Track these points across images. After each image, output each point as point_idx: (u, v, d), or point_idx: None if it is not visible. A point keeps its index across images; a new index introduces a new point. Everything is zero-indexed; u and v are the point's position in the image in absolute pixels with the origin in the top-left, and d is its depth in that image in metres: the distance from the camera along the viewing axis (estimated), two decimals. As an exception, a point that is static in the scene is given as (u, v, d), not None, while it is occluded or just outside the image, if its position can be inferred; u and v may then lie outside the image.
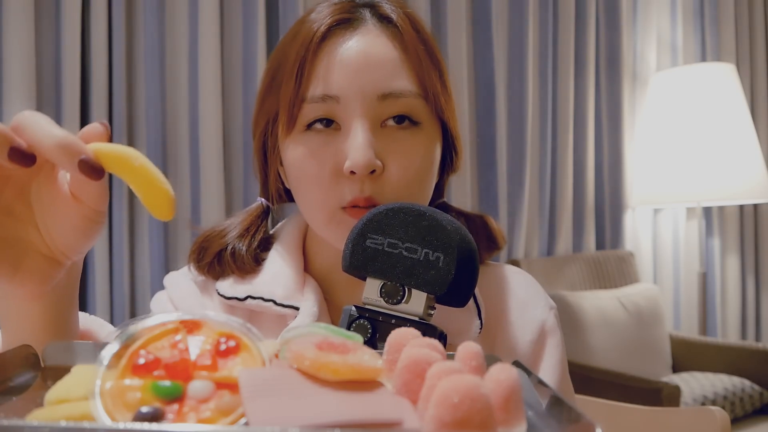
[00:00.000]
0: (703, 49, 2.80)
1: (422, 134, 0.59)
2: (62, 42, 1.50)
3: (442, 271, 0.48)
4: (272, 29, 1.81)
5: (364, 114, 0.57)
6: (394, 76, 0.58)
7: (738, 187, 2.29)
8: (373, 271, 0.49)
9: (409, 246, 0.49)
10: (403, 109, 0.58)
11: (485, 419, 0.25)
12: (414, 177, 0.58)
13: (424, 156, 0.59)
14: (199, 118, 1.66)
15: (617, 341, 2.12)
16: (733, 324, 2.82)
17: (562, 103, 2.39)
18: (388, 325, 0.49)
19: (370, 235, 0.50)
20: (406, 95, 0.58)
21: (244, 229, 0.67)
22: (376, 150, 0.56)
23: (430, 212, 0.50)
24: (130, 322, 0.33)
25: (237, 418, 0.28)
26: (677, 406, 1.73)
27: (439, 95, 0.60)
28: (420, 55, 0.59)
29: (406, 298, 0.49)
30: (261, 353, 0.32)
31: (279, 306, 0.62)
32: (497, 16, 2.22)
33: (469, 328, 0.60)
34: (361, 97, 0.56)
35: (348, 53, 0.57)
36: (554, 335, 0.65)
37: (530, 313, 0.65)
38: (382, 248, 0.49)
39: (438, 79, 0.61)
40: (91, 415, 0.28)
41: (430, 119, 0.60)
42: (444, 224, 0.49)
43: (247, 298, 0.62)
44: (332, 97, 0.57)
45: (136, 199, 1.62)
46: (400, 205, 0.50)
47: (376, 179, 0.57)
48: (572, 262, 2.34)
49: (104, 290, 1.55)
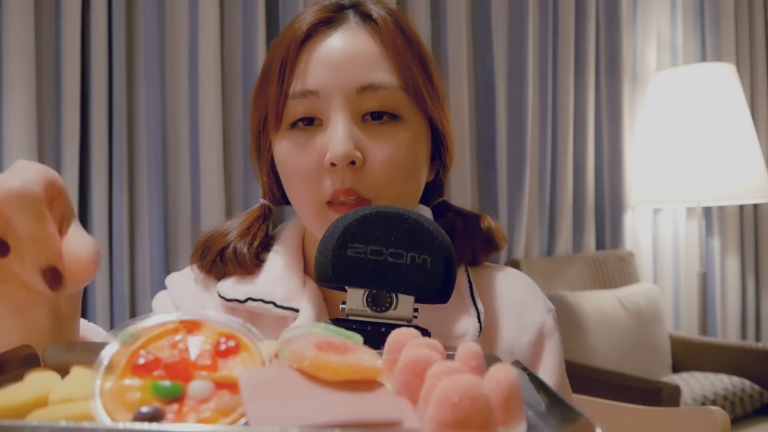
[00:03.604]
0: (703, 49, 2.80)
1: (404, 128, 0.59)
2: (62, 42, 1.50)
3: (431, 273, 0.48)
4: (272, 29, 1.81)
5: (344, 107, 0.57)
6: (373, 69, 0.58)
7: (738, 187, 2.29)
8: (358, 281, 0.48)
9: (393, 251, 0.48)
10: (383, 101, 0.58)
11: (485, 419, 0.25)
12: (396, 170, 0.58)
13: (407, 149, 0.59)
14: (199, 118, 1.66)
15: (617, 341, 2.12)
16: (733, 324, 2.82)
17: (562, 103, 2.39)
18: (379, 333, 0.47)
19: (350, 245, 0.48)
20: (386, 87, 0.58)
21: (245, 229, 0.67)
22: (356, 142, 0.57)
23: (409, 214, 0.49)
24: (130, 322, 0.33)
25: (237, 418, 0.28)
26: (677, 406, 1.73)
27: (421, 89, 0.60)
28: (400, 50, 0.59)
29: (394, 305, 0.48)
30: (261, 353, 0.32)
31: (279, 308, 0.62)
32: (497, 16, 2.22)
33: (467, 331, 0.60)
34: (341, 90, 0.57)
35: (327, 49, 0.59)
36: (553, 337, 0.65)
37: (529, 315, 0.65)
38: (365, 256, 0.48)
39: (421, 74, 0.60)
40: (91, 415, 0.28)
41: (412, 113, 0.60)
42: (426, 225, 0.49)
43: (247, 300, 0.63)
44: (312, 92, 0.58)
45: (136, 199, 1.62)
46: (377, 209, 0.49)
47: (357, 171, 0.57)
48: (572, 262, 2.34)
49: (104, 290, 1.55)
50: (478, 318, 0.61)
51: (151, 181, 1.61)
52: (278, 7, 1.80)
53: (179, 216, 1.67)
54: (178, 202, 1.67)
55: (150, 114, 1.61)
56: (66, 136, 1.50)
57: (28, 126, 1.44)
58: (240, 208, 1.76)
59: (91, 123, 1.54)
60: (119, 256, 1.57)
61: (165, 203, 1.65)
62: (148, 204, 1.61)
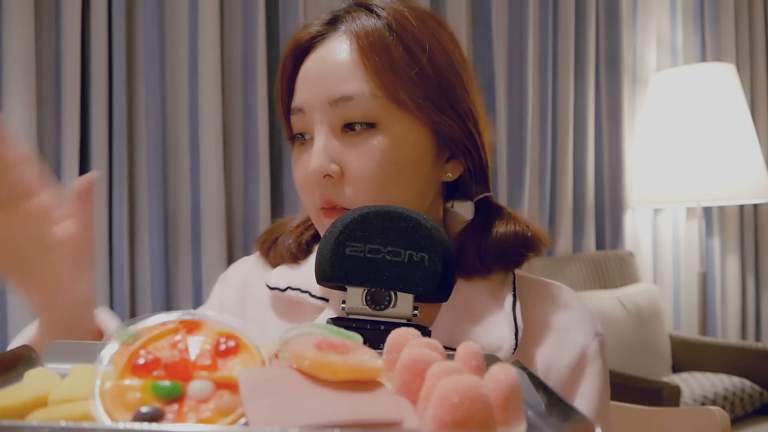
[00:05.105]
0: (703, 49, 2.80)
1: (380, 135, 0.58)
2: (62, 42, 1.50)
3: (430, 270, 0.48)
4: (272, 29, 1.81)
5: (321, 121, 0.59)
6: (345, 81, 0.58)
7: (738, 187, 2.29)
8: (357, 280, 0.48)
9: (391, 249, 0.48)
10: (357, 112, 0.57)
11: (485, 419, 0.25)
12: (373, 179, 0.57)
13: (383, 157, 0.57)
14: (199, 118, 1.66)
15: (617, 341, 2.12)
16: (733, 324, 2.82)
17: (562, 103, 2.39)
18: (378, 332, 0.47)
19: (348, 244, 0.49)
20: (358, 97, 0.57)
21: (300, 222, 0.72)
22: (334, 154, 0.58)
23: (407, 212, 0.49)
24: (130, 322, 0.33)
25: (237, 418, 0.28)
26: (677, 406, 1.73)
27: (402, 92, 0.57)
28: (380, 53, 0.57)
29: (393, 303, 0.48)
30: (261, 353, 0.32)
31: (313, 298, 0.64)
32: (497, 16, 2.22)
33: (502, 345, 0.57)
34: (318, 105, 0.59)
35: (309, 66, 0.61)
36: (595, 363, 0.61)
37: (571, 336, 0.62)
38: (364, 255, 0.48)
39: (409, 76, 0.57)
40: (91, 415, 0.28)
41: (394, 119, 0.58)
42: (423, 222, 0.49)
43: (287, 288, 0.66)
44: (300, 110, 0.61)
45: (136, 200, 1.62)
46: (375, 208, 0.49)
47: (336, 183, 0.59)
48: (572, 262, 2.34)
49: (104, 290, 1.55)
50: (515, 334, 0.58)
51: (151, 181, 1.61)
52: (278, 7, 1.80)
53: (179, 216, 1.67)
54: (178, 202, 1.67)
55: (150, 114, 1.61)
56: (66, 136, 1.50)
57: (28, 126, 1.44)
58: (240, 208, 1.76)
59: (91, 123, 1.54)
60: (119, 256, 1.57)
61: (165, 203, 1.65)
62: (148, 204, 1.61)
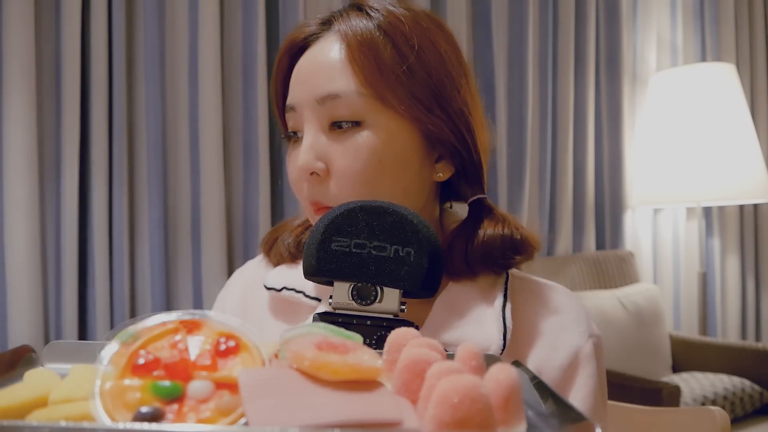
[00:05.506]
0: (703, 49, 2.80)
1: (365, 133, 0.58)
2: (62, 42, 1.50)
3: (415, 265, 0.48)
4: (272, 29, 1.81)
5: (310, 119, 0.60)
6: (333, 79, 0.59)
7: (738, 187, 2.29)
8: (343, 275, 0.48)
9: (377, 244, 0.48)
10: (343, 109, 0.58)
11: (485, 419, 0.25)
12: (356, 177, 0.58)
13: (367, 155, 0.58)
14: (199, 118, 1.66)
15: (617, 341, 2.12)
16: (733, 324, 2.82)
17: (562, 103, 2.39)
18: (364, 327, 0.47)
19: (334, 238, 0.49)
20: (344, 95, 0.58)
21: (300, 223, 0.72)
22: (321, 152, 0.59)
23: (393, 207, 0.49)
24: (130, 322, 0.33)
25: (237, 418, 0.28)
26: (677, 406, 1.73)
27: (388, 90, 0.57)
28: (367, 52, 0.58)
29: (379, 298, 0.48)
30: (261, 353, 0.32)
31: (307, 298, 0.65)
32: (497, 16, 2.22)
33: (490, 346, 0.57)
34: (307, 104, 0.60)
35: (301, 65, 0.62)
36: (589, 365, 0.61)
37: (565, 337, 0.61)
38: (349, 250, 0.48)
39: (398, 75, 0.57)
40: (91, 415, 0.28)
41: (380, 117, 0.58)
42: (410, 218, 0.49)
43: (282, 289, 0.66)
44: (292, 108, 0.62)
45: (136, 200, 1.62)
46: (361, 203, 0.50)
47: (322, 181, 0.59)
48: (572, 262, 2.34)
49: (104, 290, 1.54)
50: (504, 334, 0.57)
51: (151, 181, 1.61)
52: (278, 6, 1.80)
53: (179, 216, 1.67)
54: (178, 202, 1.67)
55: (150, 114, 1.61)
56: (66, 136, 1.50)
57: (28, 126, 1.44)
58: (240, 209, 1.76)
59: (91, 123, 1.54)
60: (119, 256, 1.57)
61: (165, 203, 1.65)
62: (148, 204, 1.61)
